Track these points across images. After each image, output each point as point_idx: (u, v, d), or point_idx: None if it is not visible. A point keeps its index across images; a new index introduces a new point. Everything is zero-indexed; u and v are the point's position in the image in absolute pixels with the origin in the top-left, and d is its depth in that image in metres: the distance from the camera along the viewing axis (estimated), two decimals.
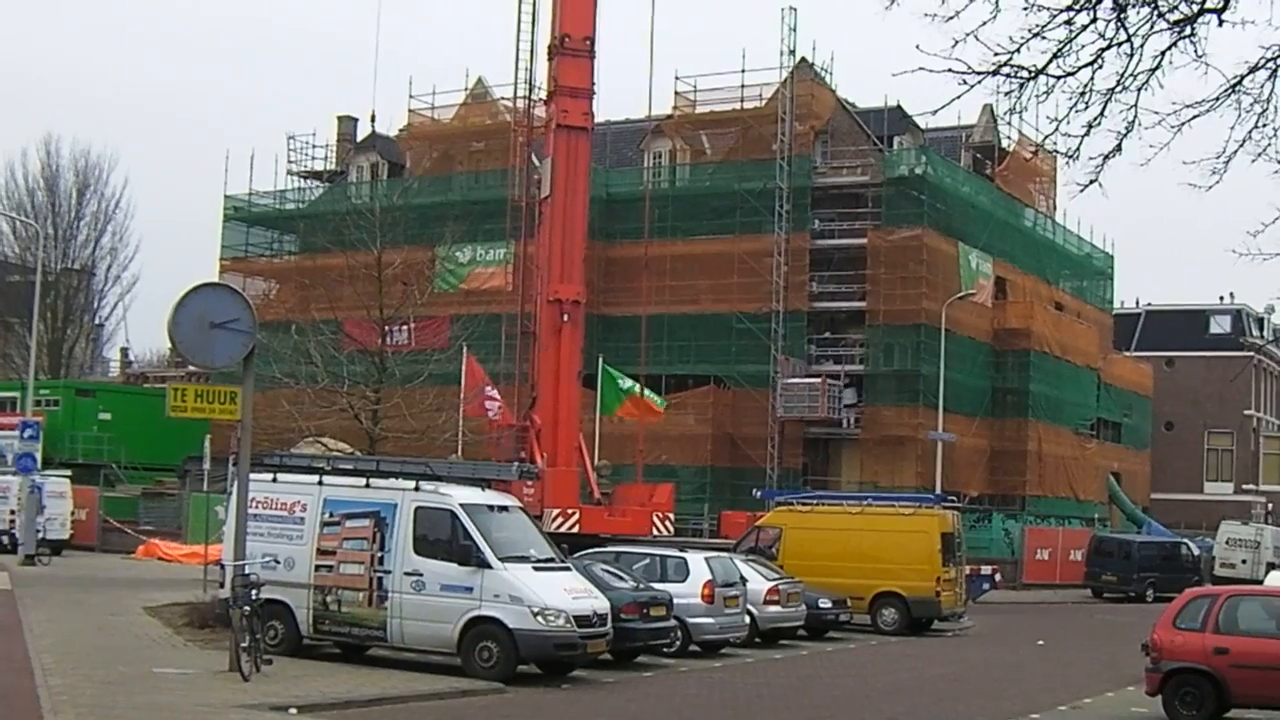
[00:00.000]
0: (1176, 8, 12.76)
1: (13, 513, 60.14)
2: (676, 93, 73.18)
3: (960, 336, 68.86)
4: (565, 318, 48.47)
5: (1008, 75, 12.47)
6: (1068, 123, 12.69)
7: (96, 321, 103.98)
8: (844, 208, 70.18)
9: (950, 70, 12.27)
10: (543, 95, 52.77)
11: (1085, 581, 64.84)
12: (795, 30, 70.29)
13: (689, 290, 69.26)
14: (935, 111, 13.94)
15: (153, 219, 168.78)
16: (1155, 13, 12.68)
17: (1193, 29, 12.75)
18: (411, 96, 79.54)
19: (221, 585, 26.36)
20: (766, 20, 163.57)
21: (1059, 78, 12.60)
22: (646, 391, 55.39)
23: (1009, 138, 78.85)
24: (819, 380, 67.40)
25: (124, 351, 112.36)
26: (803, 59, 71.41)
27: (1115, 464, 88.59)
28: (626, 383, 54.89)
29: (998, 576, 55.36)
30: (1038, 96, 12.66)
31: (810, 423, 67.73)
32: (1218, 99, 13.11)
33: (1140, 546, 66.59)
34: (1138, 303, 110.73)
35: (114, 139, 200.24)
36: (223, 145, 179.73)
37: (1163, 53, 12.83)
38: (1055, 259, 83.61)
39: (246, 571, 23.58)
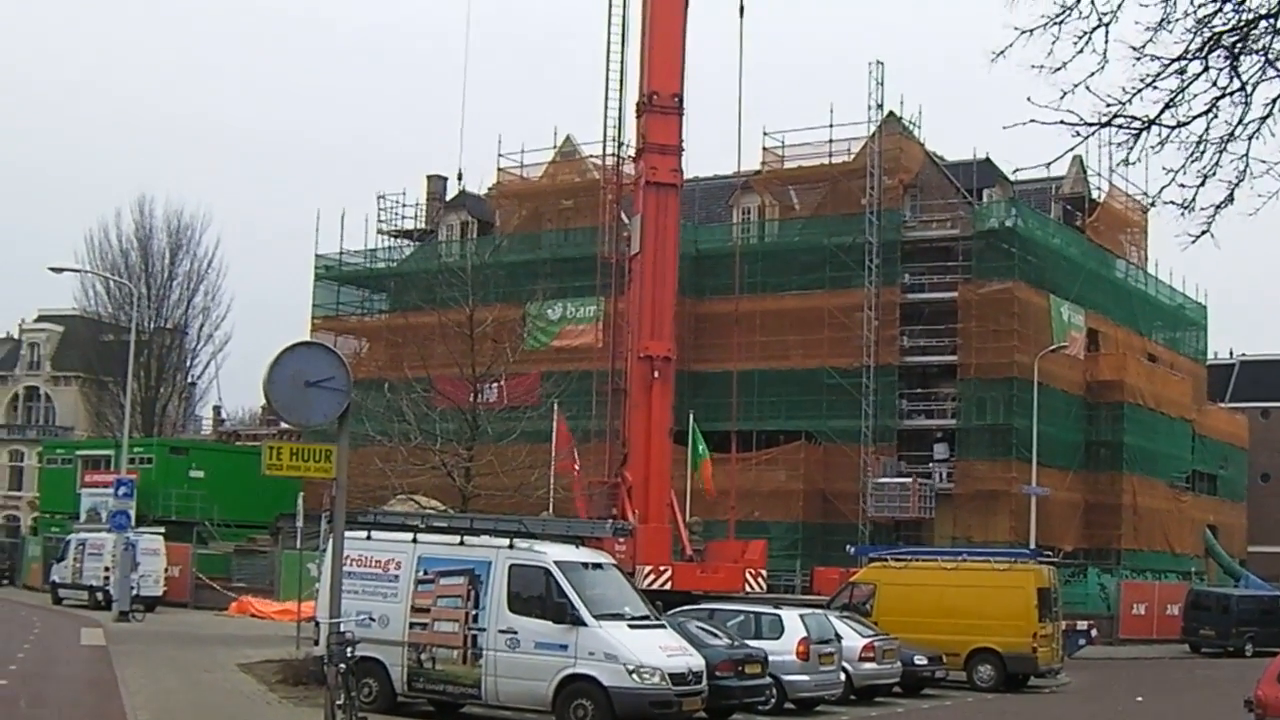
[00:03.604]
0: None
1: (107, 569, 60.73)
2: (765, 148, 73.20)
3: (1053, 389, 68.20)
4: (656, 374, 48.26)
5: (1120, 126, 12.29)
6: (1183, 173, 12.47)
7: (189, 380, 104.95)
8: (934, 261, 69.78)
9: (1062, 122, 12.10)
10: (631, 152, 52.81)
11: (1182, 636, 63.84)
12: (882, 84, 70.28)
13: (779, 345, 69.03)
14: (1049, 164, 13.69)
15: (245, 278, 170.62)
16: (1266, 60, 12.48)
17: None
18: (500, 155, 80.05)
19: (316, 642, 26.34)
20: (854, 75, 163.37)
21: (1172, 128, 12.40)
22: (701, 447, 55.07)
23: (1099, 188, 78.43)
24: (910, 480, 67.06)
25: (216, 409, 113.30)
26: (890, 113, 71.25)
27: (1211, 517, 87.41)
28: (702, 447, 54.83)
29: (1094, 632, 54.60)
30: (1151, 147, 12.46)
31: (901, 522, 67.27)
32: None
33: (1238, 600, 65.50)
34: (1231, 353, 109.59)
35: (207, 199, 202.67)
36: (314, 205, 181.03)
37: (1274, 100, 12.62)
38: (1147, 310, 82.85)
39: (342, 629, 23.51)
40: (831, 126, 71.07)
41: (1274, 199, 12.94)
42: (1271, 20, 12.49)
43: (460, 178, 79.15)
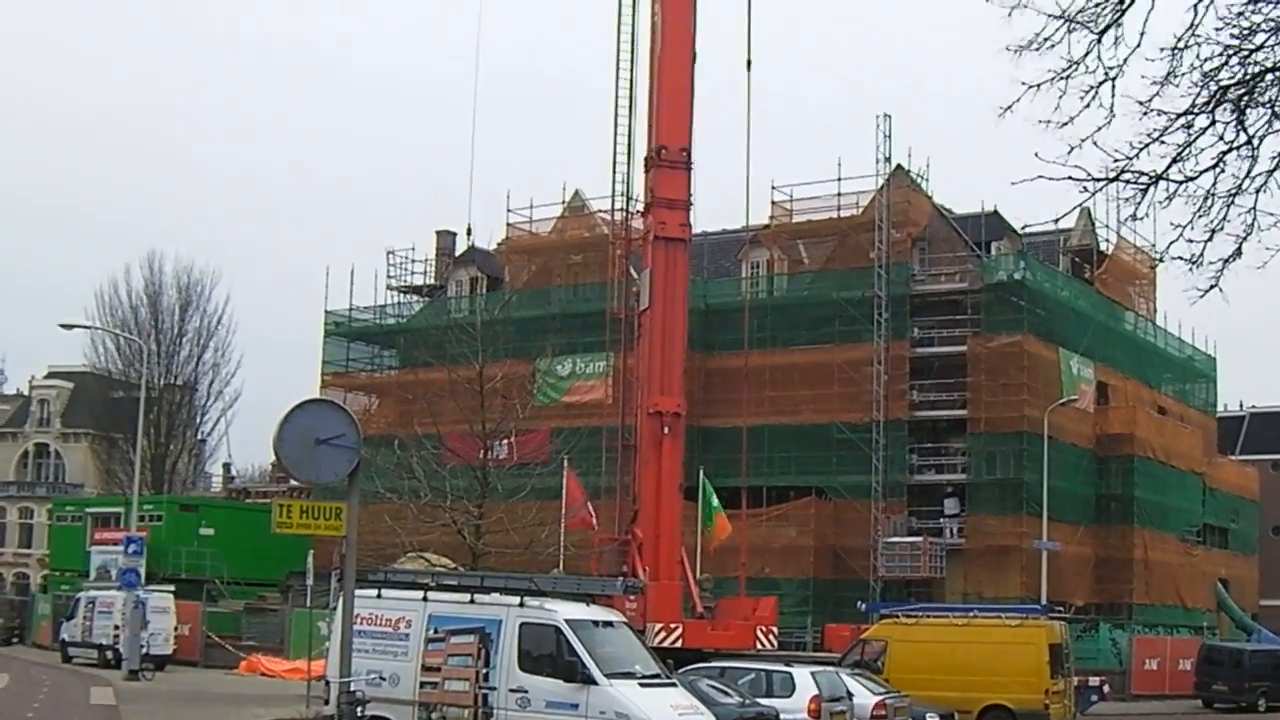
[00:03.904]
0: None
1: (117, 628, 60.56)
2: (773, 202, 73.32)
3: (1063, 443, 68.10)
4: (666, 430, 48.13)
5: (1128, 182, 12.30)
6: (1190, 228, 12.48)
7: (199, 436, 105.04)
8: (943, 315, 69.75)
9: (1070, 178, 12.11)
10: (640, 207, 52.81)
11: (1195, 691, 63.36)
12: (890, 137, 70.38)
13: (789, 400, 68.94)
14: (1057, 230, 13.74)
15: (255, 334, 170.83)
16: (1272, 113, 12.49)
17: None
18: (509, 210, 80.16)
19: (326, 701, 26.22)
20: (861, 127, 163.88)
21: (1179, 183, 12.42)
22: (714, 501, 54.95)
23: (1107, 241, 78.45)
24: (920, 539, 66.91)
25: (226, 466, 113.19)
26: (898, 166, 71.38)
27: (1223, 570, 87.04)
28: (715, 501, 54.70)
29: (1106, 688, 54.17)
30: (1158, 202, 12.47)
31: (912, 582, 67.10)
32: None
33: (1251, 655, 65.05)
34: (1241, 405, 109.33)
35: (216, 255, 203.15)
36: (324, 261, 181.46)
37: None
38: (1157, 362, 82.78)
39: (352, 688, 23.41)
40: (840, 180, 71.24)
41: None
42: (1278, 73, 12.51)
43: (470, 233, 79.46)
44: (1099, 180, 12.24)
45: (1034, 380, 67.57)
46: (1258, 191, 12.74)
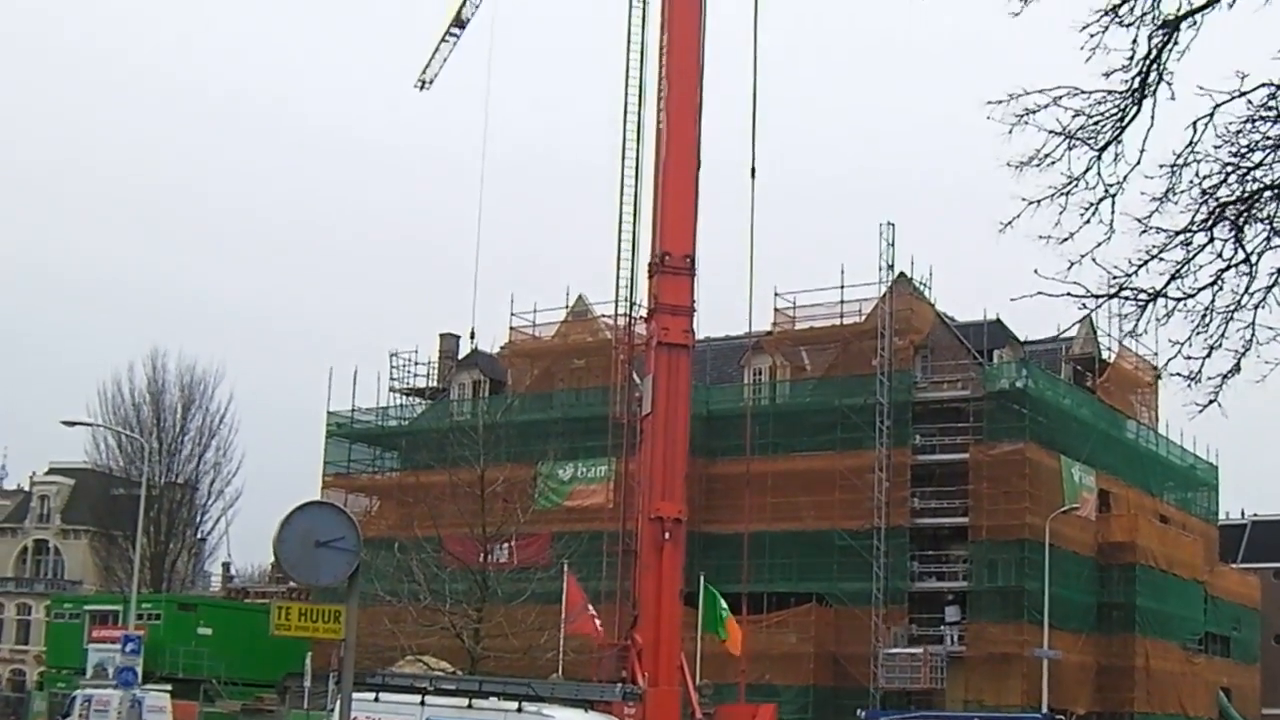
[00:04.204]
0: None
1: None
2: (776, 309, 73.58)
3: (1064, 551, 68.01)
4: (667, 536, 47.96)
5: (1127, 298, 12.41)
6: (1189, 345, 12.57)
7: (199, 536, 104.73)
8: (945, 422, 69.85)
9: (1069, 294, 12.22)
10: (643, 313, 52.95)
11: None
12: (893, 245, 70.73)
13: (790, 507, 68.86)
14: (1059, 338, 13.86)
15: (256, 434, 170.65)
16: (1271, 229, 12.61)
17: None
18: (513, 314, 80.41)
19: None
20: (864, 235, 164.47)
21: (1178, 300, 12.52)
22: (721, 605, 54.75)
23: (1109, 349, 78.66)
24: (920, 650, 66.71)
25: (225, 566, 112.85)
26: (901, 274, 71.70)
27: (1225, 679, 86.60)
28: (723, 606, 54.45)
29: None
30: (1158, 319, 12.56)
31: (912, 693, 66.78)
32: None
33: None
34: (1243, 513, 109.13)
35: (220, 353, 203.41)
36: (327, 362, 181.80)
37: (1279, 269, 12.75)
38: (1159, 471, 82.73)
39: None
40: (842, 288, 71.59)
41: None
42: (1276, 190, 12.64)
43: (473, 336, 79.73)
44: (1098, 297, 12.35)
45: (1035, 488, 67.56)
46: (1256, 307, 12.83)
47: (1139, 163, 12.67)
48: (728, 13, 51.40)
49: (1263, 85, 12.66)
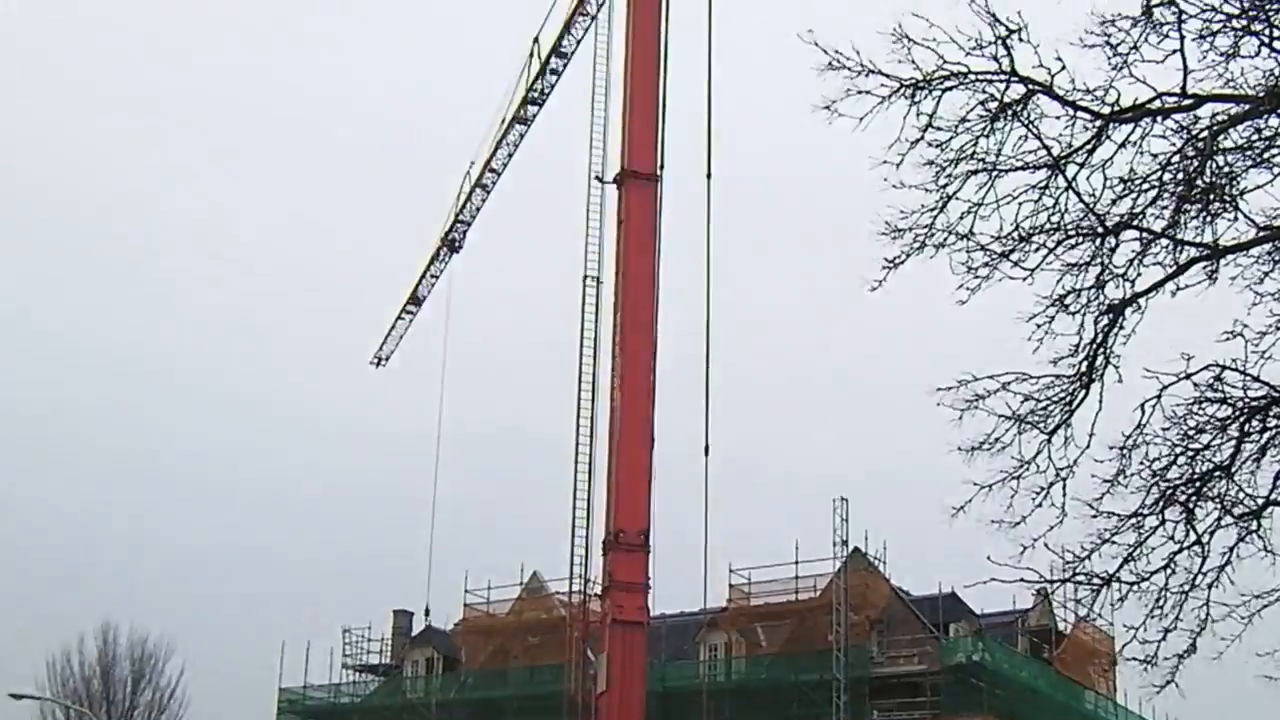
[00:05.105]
0: (1241, 502, 12.87)
1: None
2: (731, 585, 73.25)
3: None
4: None
5: (1081, 583, 12.53)
6: (1144, 628, 12.66)
7: None
8: (902, 697, 69.21)
9: (1023, 580, 12.33)
10: (598, 589, 52.84)
11: None
12: (847, 520, 70.71)
13: None
14: (1015, 611, 13.90)
15: (207, 709, 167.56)
16: (1222, 509, 12.78)
17: (1259, 522, 12.85)
18: (467, 591, 79.72)
19: None
20: (818, 511, 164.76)
21: (1132, 584, 12.64)
22: None
23: (1065, 620, 78.44)
24: None
25: None
26: (856, 549, 71.63)
27: None
28: None
29: None
30: (1112, 603, 12.67)
31: None
32: None
33: None
34: None
35: (171, 626, 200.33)
36: (278, 636, 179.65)
37: (1231, 548, 12.90)
38: None
39: None
40: (797, 563, 71.37)
41: (1236, 641, 13.08)
42: (1225, 470, 12.83)
43: (427, 613, 79.10)
44: (1052, 582, 12.48)
45: None
46: (1210, 587, 12.95)
47: (1089, 445, 12.90)
48: (681, 303, 52.43)
49: (1208, 367, 12.95)
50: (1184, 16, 13.55)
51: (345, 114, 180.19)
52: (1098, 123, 14.00)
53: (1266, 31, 13.42)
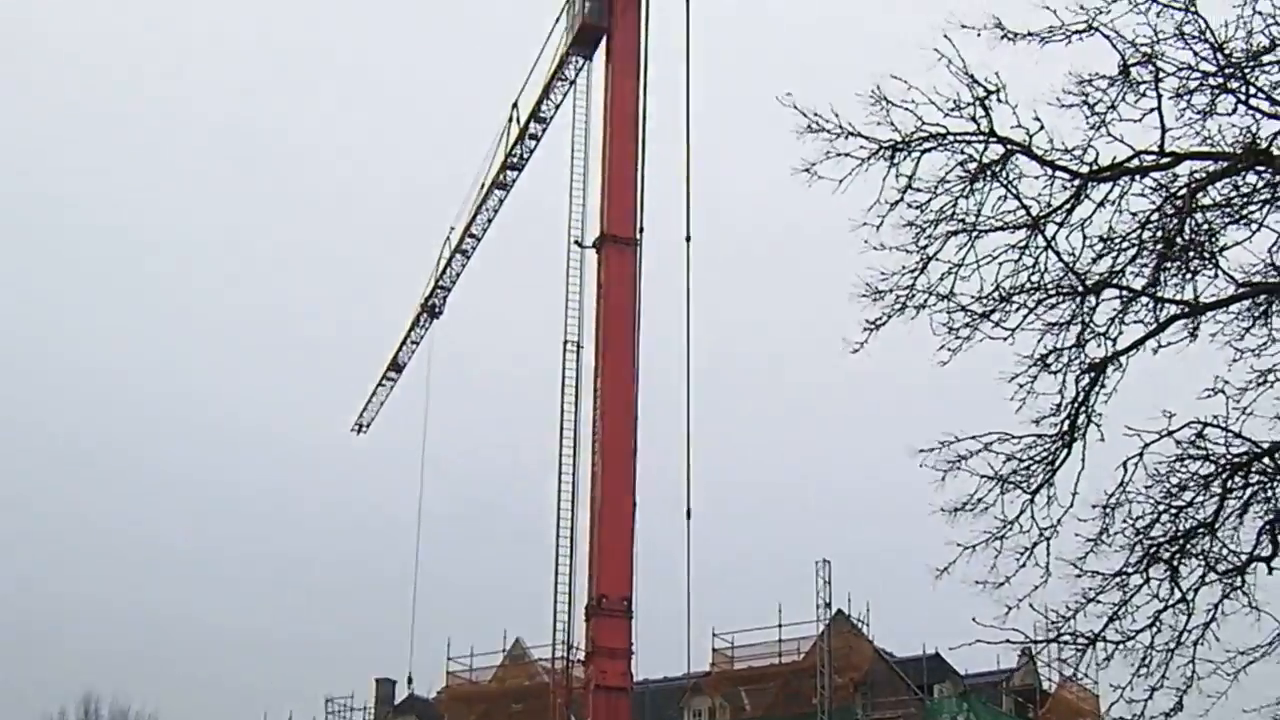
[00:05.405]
0: (1225, 559, 12.86)
1: None
2: (714, 649, 72.97)
3: None
4: None
5: (1066, 643, 12.49)
6: (1130, 688, 12.61)
7: None
8: None
9: (1008, 641, 12.29)
10: (581, 656, 52.63)
11: None
12: (830, 583, 70.52)
13: None
14: (999, 670, 13.90)
15: None
16: (1206, 565, 12.76)
17: (1243, 578, 12.83)
18: (449, 658, 79.42)
19: None
20: (800, 573, 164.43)
21: (1117, 643, 12.60)
22: None
23: (1050, 679, 78.20)
24: None
25: None
26: (839, 611, 71.42)
27: None
28: None
29: None
30: (1097, 662, 12.62)
31: None
32: (1272, 643, 13.06)
33: None
34: None
35: (154, 697, 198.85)
36: (259, 708, 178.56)
37: (1216, 605, 12.88)
38: None
39: None
40: (780, 626, 71.14)
41: (1222, 698, 13.05)
42: (1209, 527, 12.82)
43: (410, 681, 78.77)
44: (1037, 642, 12.44)
45: None
46: (1195, 644, 12.92)
47: (1072, 505, 12.89)
48: (659, 367, 52.46)
49: (1190, 424, 12.95)
50: (1161, 75, 13.65)
51: (329, 176, 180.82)
52: (1076, 182, 14.08)
53: (1242, 89, 13.51)
